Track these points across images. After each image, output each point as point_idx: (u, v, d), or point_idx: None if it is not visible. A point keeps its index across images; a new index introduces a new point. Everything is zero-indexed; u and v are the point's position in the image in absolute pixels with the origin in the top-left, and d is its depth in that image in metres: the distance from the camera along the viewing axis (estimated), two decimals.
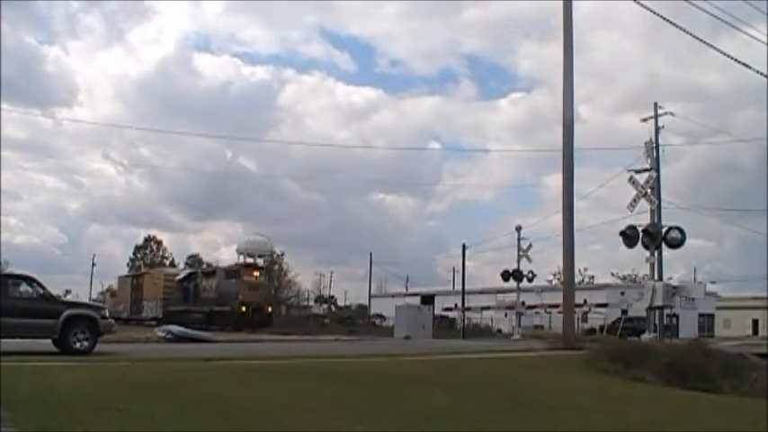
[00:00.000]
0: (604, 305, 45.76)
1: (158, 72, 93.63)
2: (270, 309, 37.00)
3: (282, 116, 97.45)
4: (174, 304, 38.94)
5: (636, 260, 49.72)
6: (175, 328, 21.54)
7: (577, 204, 18.29)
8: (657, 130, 26.89)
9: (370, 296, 57.35)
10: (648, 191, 15.94)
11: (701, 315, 47.41)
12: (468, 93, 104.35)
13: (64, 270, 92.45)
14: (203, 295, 37.38)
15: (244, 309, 33.32)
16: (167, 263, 77.79)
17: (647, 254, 19.66)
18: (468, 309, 43.62)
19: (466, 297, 42.20)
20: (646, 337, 14.85)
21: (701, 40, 17.56)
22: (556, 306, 35.56)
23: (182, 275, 42.74)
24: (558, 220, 19.19)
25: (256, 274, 36.29)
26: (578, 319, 33.86)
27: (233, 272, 36.48)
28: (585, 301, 44.70)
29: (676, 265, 64.13)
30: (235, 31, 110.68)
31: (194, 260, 77.53)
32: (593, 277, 60.77)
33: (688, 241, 20.79)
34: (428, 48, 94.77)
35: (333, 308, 67.90)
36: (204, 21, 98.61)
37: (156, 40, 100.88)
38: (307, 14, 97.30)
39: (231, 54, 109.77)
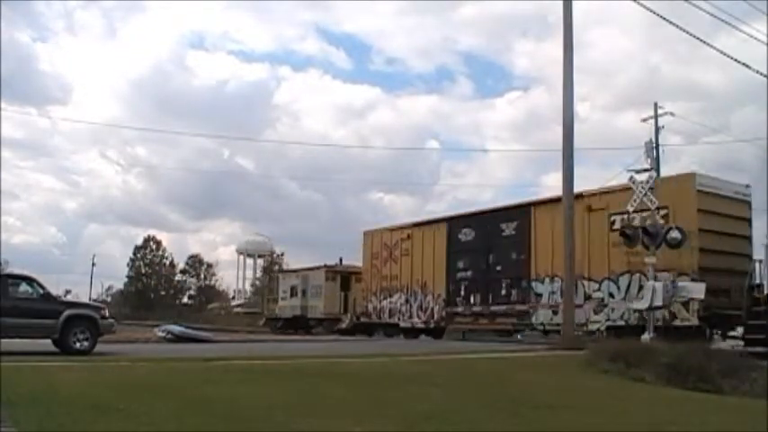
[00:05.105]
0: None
1: (154, 70, 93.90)
2: None
3: (279, 114, 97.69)
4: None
5: None
6: (175, 328, 21.54)
7: None
8: (657, 129, 26.73)
9: None
10: (648, 191, 15.93)
11: None
12: (466, 91, 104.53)
13: (63, 270, 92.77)
14: None
15: None
16: (167, 263, 77.85)
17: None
18: None
19: None
20: (645, 337, 14.82)
21: (699, 39, 17.50)
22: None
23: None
24: None
25: None
26: None
27: None
28: None
29: None
30: (229, 29, 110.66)
31: (195, 260, 77.65)
32: None
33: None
34: (424, 45, 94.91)
35: None
36: (199, 18, 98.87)
37: (151, 38, 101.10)
38: (301, 11, 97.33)
39: (227, 52, 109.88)
